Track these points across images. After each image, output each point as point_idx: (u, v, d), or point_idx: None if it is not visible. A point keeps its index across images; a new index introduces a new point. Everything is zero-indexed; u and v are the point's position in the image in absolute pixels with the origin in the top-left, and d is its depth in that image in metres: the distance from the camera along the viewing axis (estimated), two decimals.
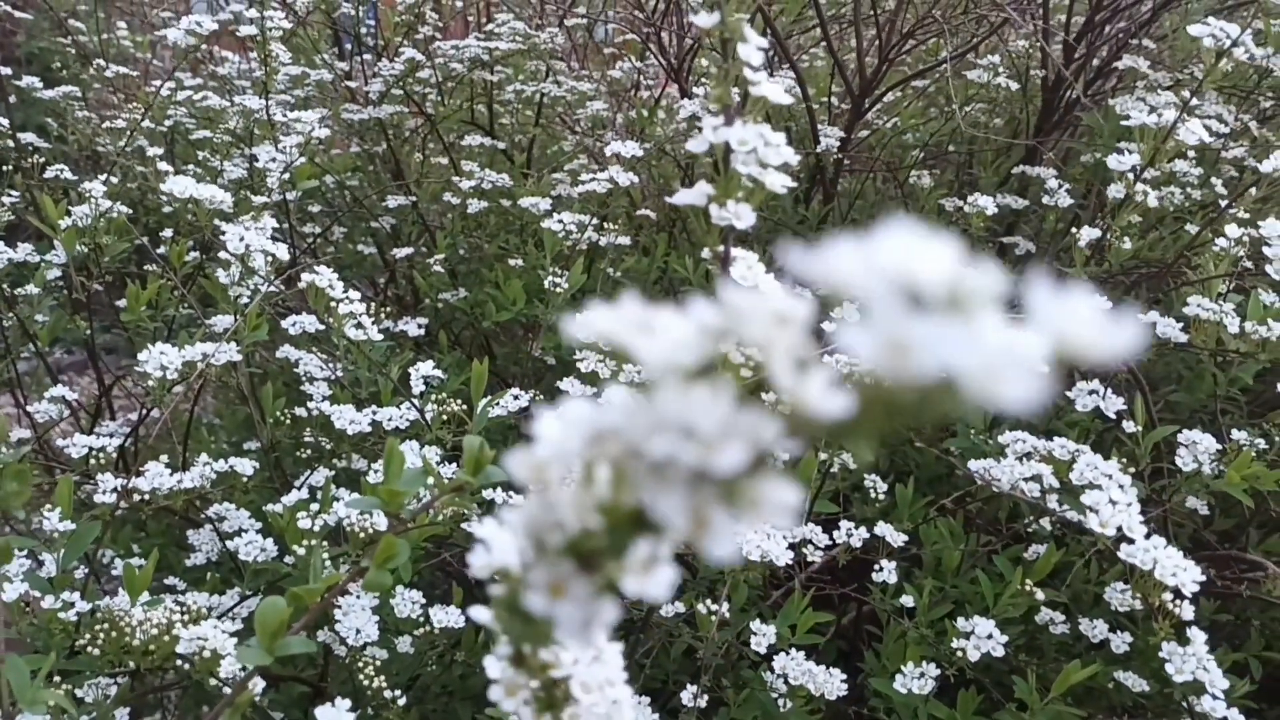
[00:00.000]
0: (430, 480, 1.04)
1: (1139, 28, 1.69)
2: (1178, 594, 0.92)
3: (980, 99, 1.97)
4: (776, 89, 0.68)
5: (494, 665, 0.50)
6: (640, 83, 2.80)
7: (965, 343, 0.20)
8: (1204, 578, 0.92)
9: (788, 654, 1.01)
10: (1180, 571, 0.86)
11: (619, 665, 0.51)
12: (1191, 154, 1.49)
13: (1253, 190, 1.23)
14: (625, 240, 2.06)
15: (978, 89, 1.92)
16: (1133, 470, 1.04)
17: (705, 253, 0.74)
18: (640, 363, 0.25)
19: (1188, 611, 0.92)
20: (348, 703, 1.02)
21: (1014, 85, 1.81)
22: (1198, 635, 0.94)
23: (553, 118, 2.79)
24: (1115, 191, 1.10)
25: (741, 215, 0.68)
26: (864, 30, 1.77)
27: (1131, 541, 0.86)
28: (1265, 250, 0.99)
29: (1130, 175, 1.04)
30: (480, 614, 0.50)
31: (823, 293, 0.28)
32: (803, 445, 0.25)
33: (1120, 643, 1.12)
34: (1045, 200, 1.43)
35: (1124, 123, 1.05)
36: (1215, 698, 0.92)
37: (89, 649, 1.14)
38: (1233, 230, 1.05)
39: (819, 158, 1.91)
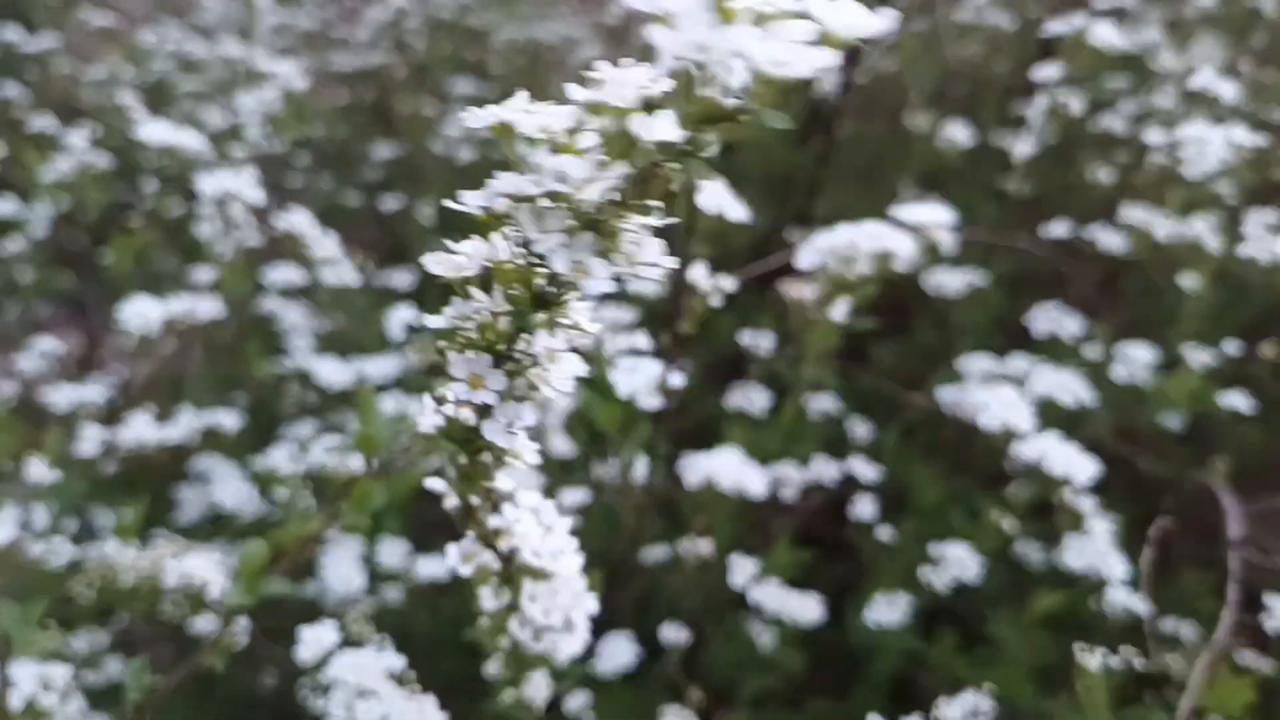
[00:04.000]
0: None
1: None
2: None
3: (975, 38, 1.95)
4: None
5: (452, 547, 0.51)
6: (632, 27, 2.76)
7: (757, 41, 0.25)
8: (1098, 472, 0.96)
9: (764, 583, 1.03)
10: (1074, 463, 0.90)
11: (568, 536, 0.53)
12: (1168, 87, 1.50)
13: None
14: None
15: (964, 33, 1.90)
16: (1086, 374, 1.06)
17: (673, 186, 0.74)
18: (522, 133, 0.30)
19: (1086, 504, 0.95)
20: (333, 623, 1.03)
21: (1005, 24, 1.79)
22: (1098, 526, 1.00)
23: (546, 64, 2.75)
24: (1040, 104, 1.13)
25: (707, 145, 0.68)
26: None
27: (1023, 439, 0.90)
28: (1180, 155, 1.03)
29: (1053, 87, 1.06)
30: (433, 483, 0.51)
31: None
32: (656, 182, 0.30)
33: (1063, 548, 1.12)
34: (1026, 135, 1.43)
35: (1040, 36, 1.07)
36: (1117, 585, 1.02)
37: (84, 590, 1.16)
38: (1155, 136, 1.08)
39: (814, 101, 1.89)
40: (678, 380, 0.80)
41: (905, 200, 1.73)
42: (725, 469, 0.92)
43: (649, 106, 0.28)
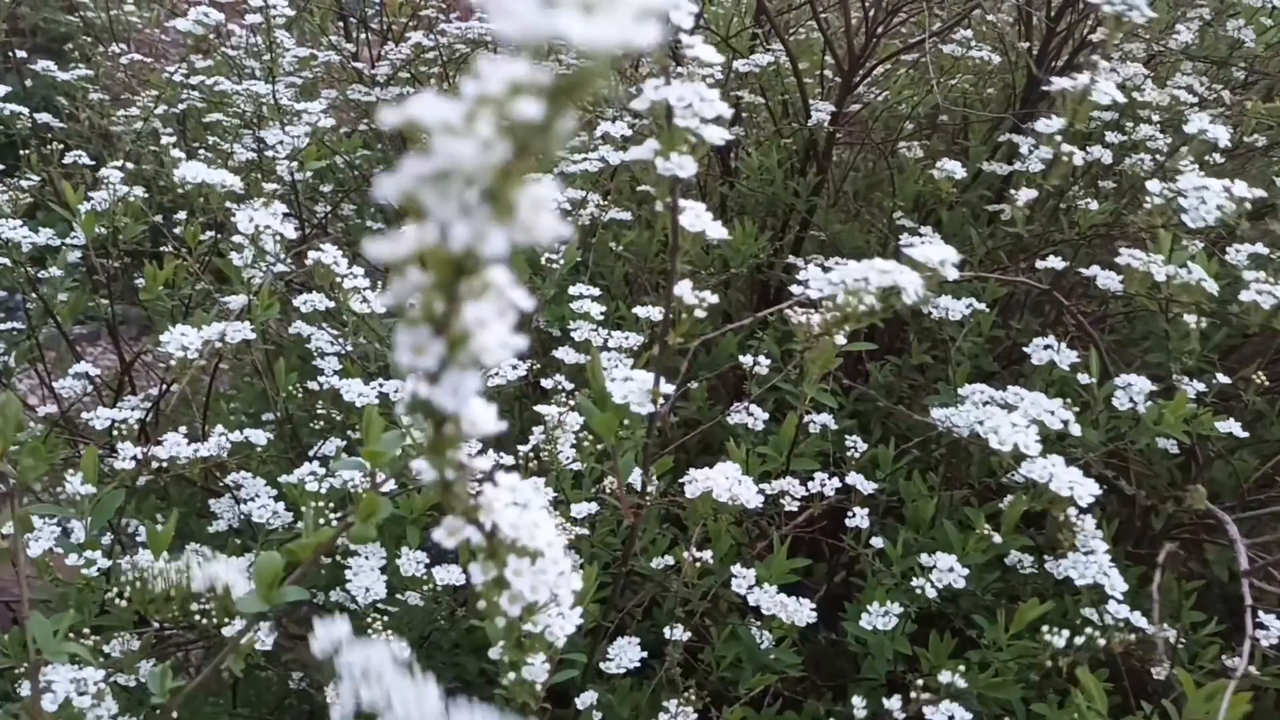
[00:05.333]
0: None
1: None
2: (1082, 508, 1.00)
3: (965, 71, 2.02)
4: (710, 50, 0.74)
5: (440, 529, 0.55)
6: (640, 60, 2.84)
7: (574, 17, 0.28)
8: (1099, 491, 0.98)
9: (762, 589, 1.09)
10: (1077, 485, 0.95)
11: (546, 515, 0.54)
12: (1156, 118, 1.56)
13: (1216, 157, 1.29)
14: (627, 215, 2.11)
15: (955, 62, 1.97)
16: (1076, 410, 1.11)
17: (658, 205, 0.80)
18: (426, 126, 0.34)
19: (1088, 525, 1.00)
20: (345, 617, 1.08)
21: (995, 58, 1.86)
22: (1099, 545, 1.05)
23: None
24: (1044, 153, 1.17)
25: (684, 166, 0.74)
26: (850, 7, 1.82)
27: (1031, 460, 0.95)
28: (1181, 202, 1.07)
29: (1057, 138, 1.11)
30: (417, 463, 0.54)
31: None
32: (517, 146, 0.33)
33: (1068, 565, 1.17)
34: (1018, 166, 1.48)
35: (1043, 88, 1.11)
36: (1118, 601, 1.04)
37: (117, 601, 1.22)
38: (1154, 185, 1.12)
39: (811, 131, 1.96)
40: (668, 388, 0.86)
41: (898, 226, 1.81)
42: (722, 483, 0.98)
43: (517, 90, 0.31)
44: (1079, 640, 0.93)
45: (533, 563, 0.52)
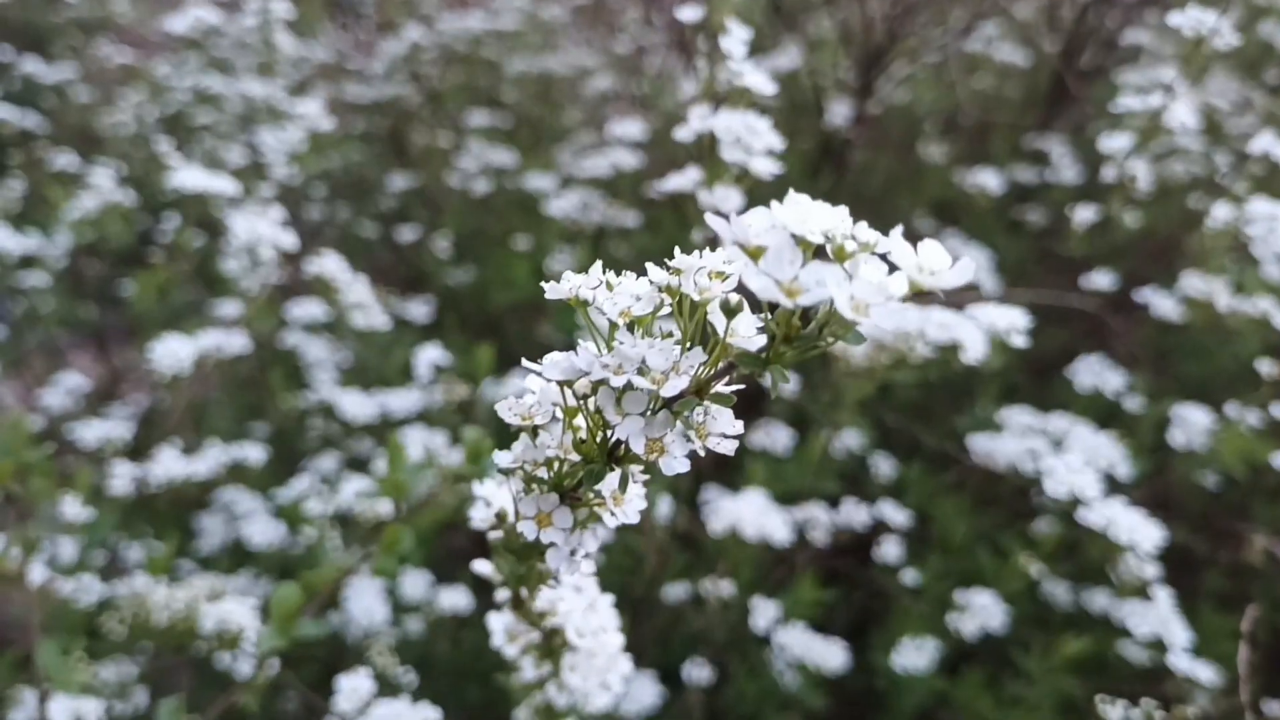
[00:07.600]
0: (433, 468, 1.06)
1: (1144, 2, 1.69)
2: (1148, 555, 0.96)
3: (989, 69, 1.97)
4: (761, 79, 0.69)
5: (496, 619, 0.52)
6: (643, 56, 2.78)
7: (839, 281, 0.25)
8: (1160, 537, 0.95)
9: (788, 626, 1.04)
10: (1138, 532, 0.90)
11: (611, 614, 0.53)
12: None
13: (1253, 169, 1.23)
14: (632, 221, 2.06)
15: (981, 61, 1.92)
16: (1128, 441, 1.06)
17: (695, 235, 0.76)
18: (604, 314, 0.30)
19: (1149, 571, 0.95)
20: (368, 670, 1.05)
21: (1018, 60, 1.81)
22: (1161, 593, 0.99)
23: (557, 92, 2.78)
24: (1107, 174, 1.12)
25: (729, 199, 0.69)
26: (867, 6, 1.76)
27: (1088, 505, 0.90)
28: (1248, 230, 1.01)
29: (1120, 157, 1.05)
30: (482, 566, 0.53)
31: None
32: (738, 376, 0.30)
33: (1125, 613, 1.14)
34: (1049, 177, 1.43)
35: (1111, 108, 1.06)
36: (1178, 652, 1.00)
37: (116, 626, 1.18)
38: (1221, 210, 1.06)
39: (827, 133, 1.91)
40: None
41: (919, 227, 1.76)
42: (749, 516, 0.93)
43: (729, 310, 0.28)
44: (1135, 714, 0.88)
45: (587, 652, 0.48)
